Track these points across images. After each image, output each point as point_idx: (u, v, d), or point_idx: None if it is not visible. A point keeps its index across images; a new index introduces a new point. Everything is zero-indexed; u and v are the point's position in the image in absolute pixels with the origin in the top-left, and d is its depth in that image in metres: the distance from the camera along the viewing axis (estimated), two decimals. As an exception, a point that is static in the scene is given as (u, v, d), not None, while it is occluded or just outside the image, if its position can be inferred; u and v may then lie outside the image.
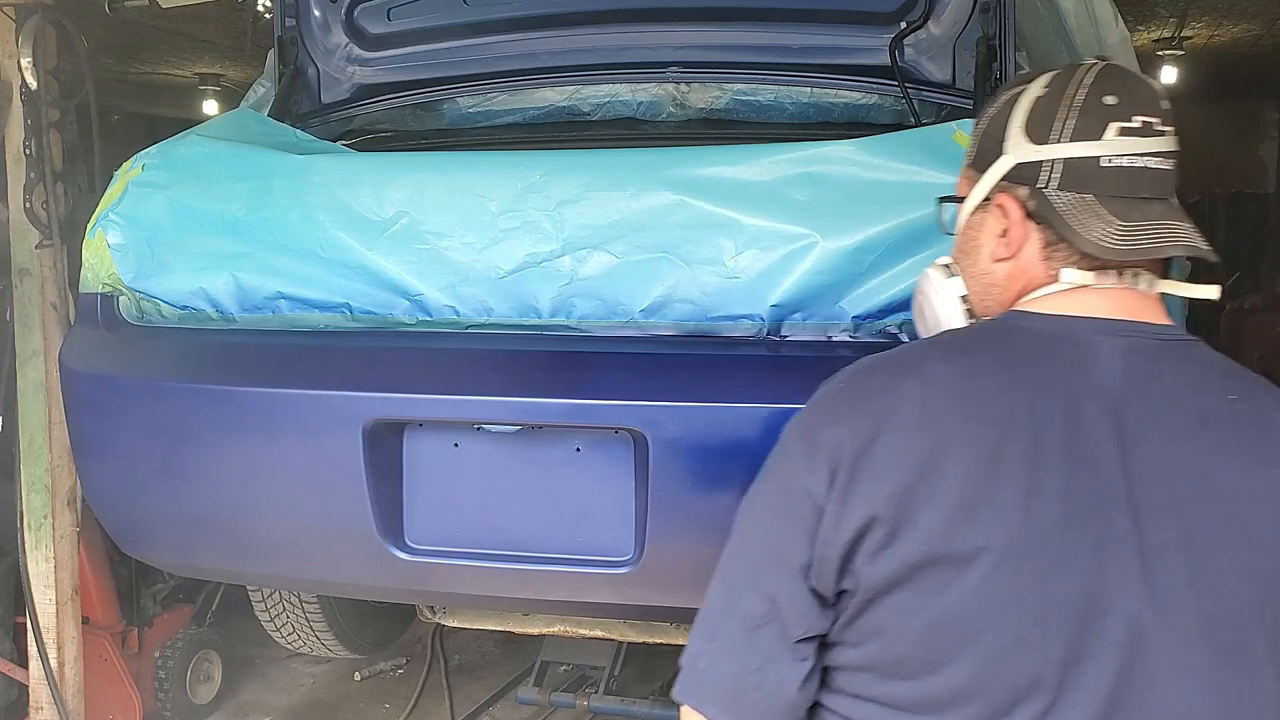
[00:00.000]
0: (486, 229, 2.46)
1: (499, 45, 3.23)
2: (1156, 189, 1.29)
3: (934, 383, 1.25)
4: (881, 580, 1.20)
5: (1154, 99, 1.31)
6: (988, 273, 1.37)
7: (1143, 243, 1.25)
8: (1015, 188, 1.33)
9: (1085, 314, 1.28)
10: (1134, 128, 1.28)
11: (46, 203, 3.59)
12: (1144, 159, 1.28)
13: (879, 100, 3.10)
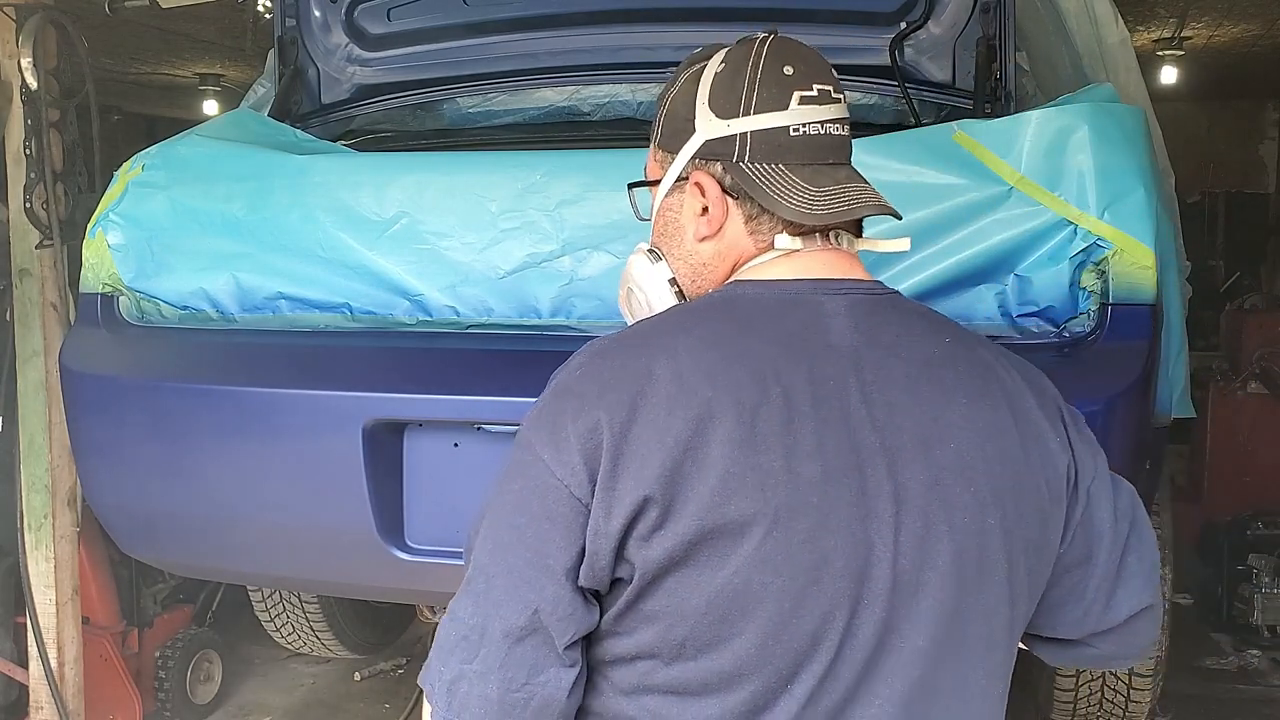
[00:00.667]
0: (486, 229, 2.46)
1: (499, 45, 3.23)
2: (840, 154, 1.33)
3: (682, 355, 1.23)
4: (658, 562, 1.17)
5: (826, 67, 1.34)
6: (695, 253, 1.37)
7: (840, 205, 1.28)
8: (709, 164, 1.33)
9: (804, 276, 1.30)
10: (814, 95, 1.30)
11: (46, 203, 3.59)
12: (826, 125, 1.30)
13: (879, 100, 3.10)
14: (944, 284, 2.27)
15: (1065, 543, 1.33)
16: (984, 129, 2.33)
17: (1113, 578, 1.36)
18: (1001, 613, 1.27)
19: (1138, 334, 2.25)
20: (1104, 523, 1.35)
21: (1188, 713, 4.11)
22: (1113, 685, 3.23)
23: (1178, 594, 3.93)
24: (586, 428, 1.20)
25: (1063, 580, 1.35)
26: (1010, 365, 1.33)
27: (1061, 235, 2.22)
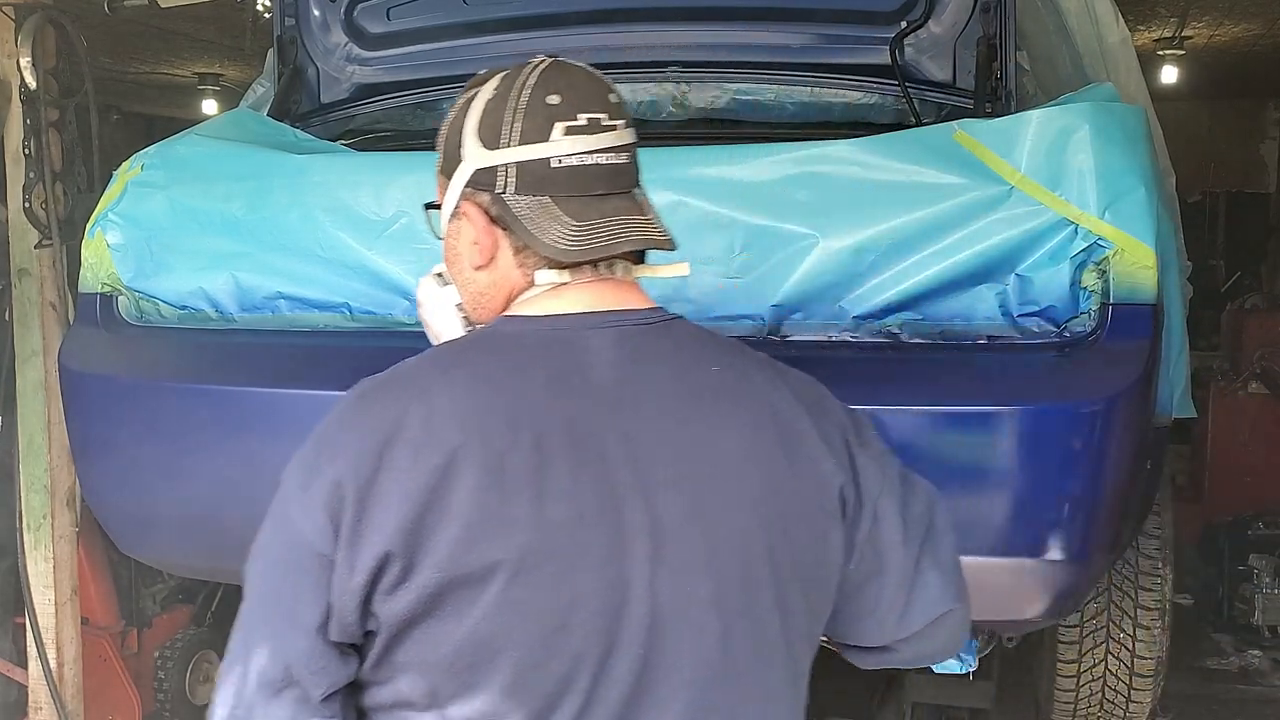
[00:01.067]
0: (486, 229, 2.45)
1: (499, 45, 3.23)
2: (614, 184, 1.29)
3: (436, 399, 1.22)
4: (402, 616, 1.17)
5: (601, 94, 1.31)
6: (473, 281, 1.35)
7: (599, 241, 1.26)
8: (478, 194, 1.31)
9: (571, 310, 1.28)
10: (580, 125, 1.27)
11: (46, 203, 3.59)
12: (595, 156, 1.28)
13: (879, 100, 3.09)
14: (944, 284, 2.27)
15: (853, 561, 1.33)
16: (984, 128, 2.33)
17: (907, 589, 1.36)
18: (773, 634, 1.27)
19: (1138, 334, 2.24)
20: (893, 539, 1.34)
21: (1188, 713, 4.11)
22: (1113, 685, 3.23)
23: (1178, 594, 3.92)
24: (331, 482, 1.19)
25: (855, 596, 1.36)
26: (788, 388, 1.32)
27: (1062, 235, 2.22)
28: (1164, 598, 3.11)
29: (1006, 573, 2.29)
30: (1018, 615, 2.42)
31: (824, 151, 2.35)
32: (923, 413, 2.24)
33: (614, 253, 1.28)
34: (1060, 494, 2.21)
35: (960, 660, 2.42)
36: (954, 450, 2.24)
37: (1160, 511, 3.05)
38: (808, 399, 1.32)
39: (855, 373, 2.32)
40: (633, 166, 1.33)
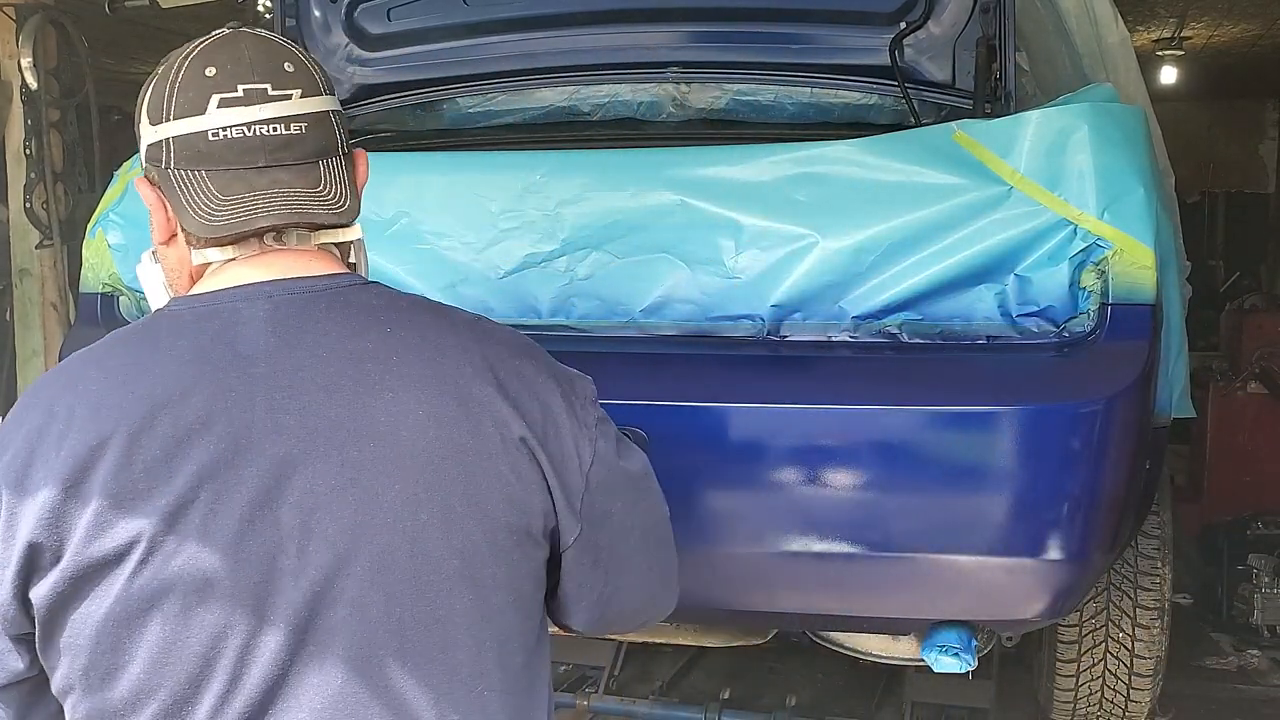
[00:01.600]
0: (486, 229, 2.46)
1: (499, 45, 3.23)
2: (279, 156, 1.25)
3: (83, 389, 1.22)
4: (50, 600, 1.19)
5: (271, 65, 1.27)
6: (165, 258, 1.34)
7: (236, 216, 1.23)
8: (150, 169, 1.29)
9: (234, 284, 1.26)
10: (237, 97, 1.24)
11: (46, 203, 3.59)
12: (255, 127, 1.24)
13: (879, 100, 3.10)
14: (944, 284, 2.27)
15: (562, 540, 1.30)
16: (984, 129, 2.33)
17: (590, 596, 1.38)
18: (461, 609, 1.22)
19: (1138, 334, 2.25)
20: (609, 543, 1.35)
21: (1188, 713, 4.11)
22: (1112, 685, 3.23)
23: (1178, 594, 3.93)
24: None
25: (569, 575, 1.34)
26: (481, 351, 1.28)
27: (1061, 235, 2.22)
28: (1163, 597, 3.11)
29: (1006, 572, 2.29)
30: (1017, 614, 2.42)
31: (824, 152, 2.36)
32: (922, 413, 2.24)
33: (249, 228, 1.25)
34: (1059, 494, 2.21)
35: (960, 660, 2.43)
36: (953, 450, 2.25)
37: (1160, 511, 3.05)
38: (502, 365, 1.28)
39: (855, 373, 2.32)
40: (314, 136, 1.28)
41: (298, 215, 1.25)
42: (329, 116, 1.31)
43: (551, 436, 1.27)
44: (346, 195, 1.29)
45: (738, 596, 2.49)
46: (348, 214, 1.29)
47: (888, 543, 2.29)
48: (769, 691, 3.92)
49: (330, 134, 1.30)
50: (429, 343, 1.26)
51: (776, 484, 2.30)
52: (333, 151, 1.30)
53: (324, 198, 1.27)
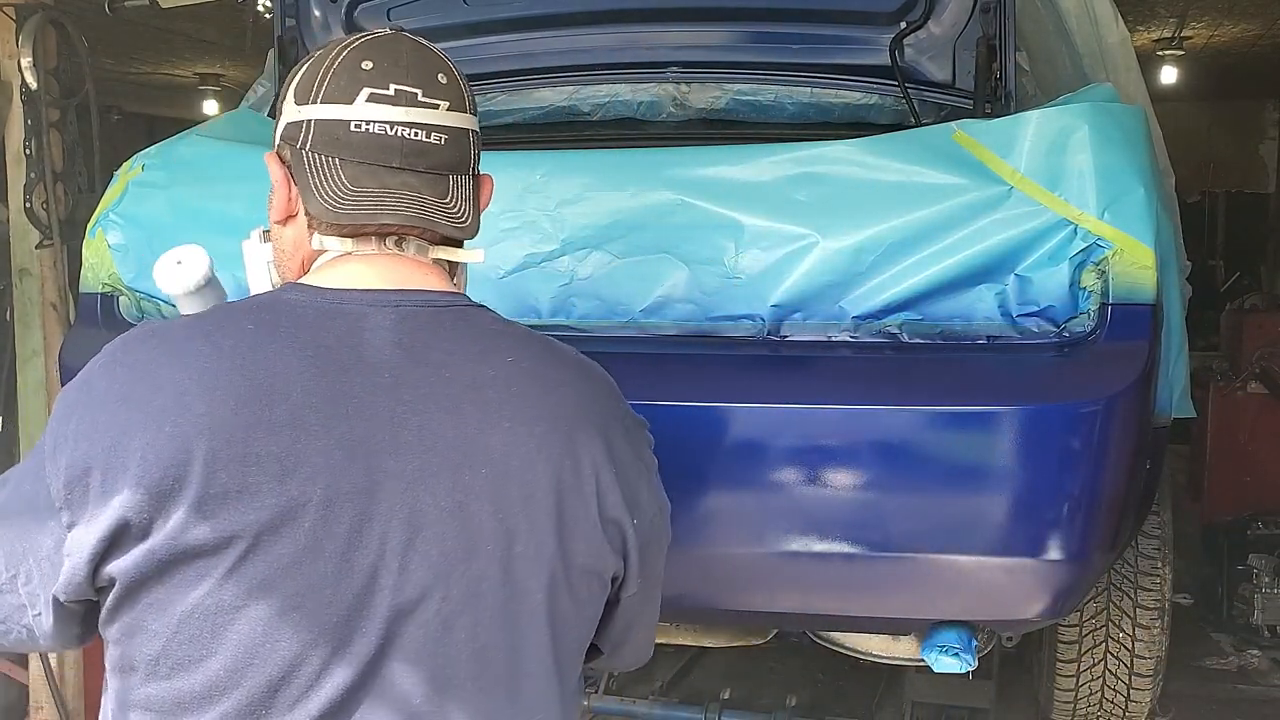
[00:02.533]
0: (486, 229, 2.44)
1: (499, 45, 3.23)
2: (414, 160, 1.26)
3: (193, 365, 1.18)
4: (132, 577, 1.16)
5: (427, 71, 1.28)
6: (280, 238, 1.34)
7: (361, 208, 1.24)
8: (283, 147, 1.30)
9: (355, 285, 1.26)
10: (388, 95, 1.25)
11: (46, 203, 3.59)
12: (399, 128, 1.25)
13: (879, 100, 3.10)
14: (944, 284, 2.27)
15: (626, 587, 1.34)
16: (984, 129, 2.33)
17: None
18: (533, 644, 1.24)
19: (1138, 334, 2.25)
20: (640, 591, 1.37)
21: (1188, 713, 4.11)
22: (1112, 685, 3.23)
23: (1178, 594, 3.93)
24: (80, 432, 1.18)
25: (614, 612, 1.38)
26: (581, 393, 1.30)
27: (1061, 235, 2.22)
28: (1163, 597, 3.11)
29: (1006, 572, 2.29)
30: (1017, 614, 2.42)
31: (823, 152, 2.36)
32: (923, 413, 2.24)
33: (372, 223, 1.26)
34: (1059, 494, 2.21)
35: (960, 660, 2.43)
36: (954, 450, 2.25)
37: (1160, 511, 3.05)
38: (599, 408, 1.30)
39: (855, 373, 2.32)
40: (451, 150, 1.28)
41: (422, 221, 1.26)
42: (468, 135, 1.31)
43: (639, 508, 1.30)
44: (470, 213, 1.30)
45: (738, 597, 2.49)
46: (468, 231, 1.30)
47: (888, 543, 2.29)
48: (769, 691, 3.93)
49: (465, 151, 1.31)
50: (544, 377, 1.28)
51: (777, 484, 2.30)
52: (464, 169, 1.31)
53: (449, 211, 1.27)
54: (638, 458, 1.33)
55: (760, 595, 2.47)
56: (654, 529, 1.34)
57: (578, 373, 1.32)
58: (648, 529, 1.32)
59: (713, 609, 2.59)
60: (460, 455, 1.20)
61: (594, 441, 1.26)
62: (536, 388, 1.26)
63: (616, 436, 1.30)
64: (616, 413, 1.33)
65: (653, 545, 1.35)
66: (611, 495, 1.26)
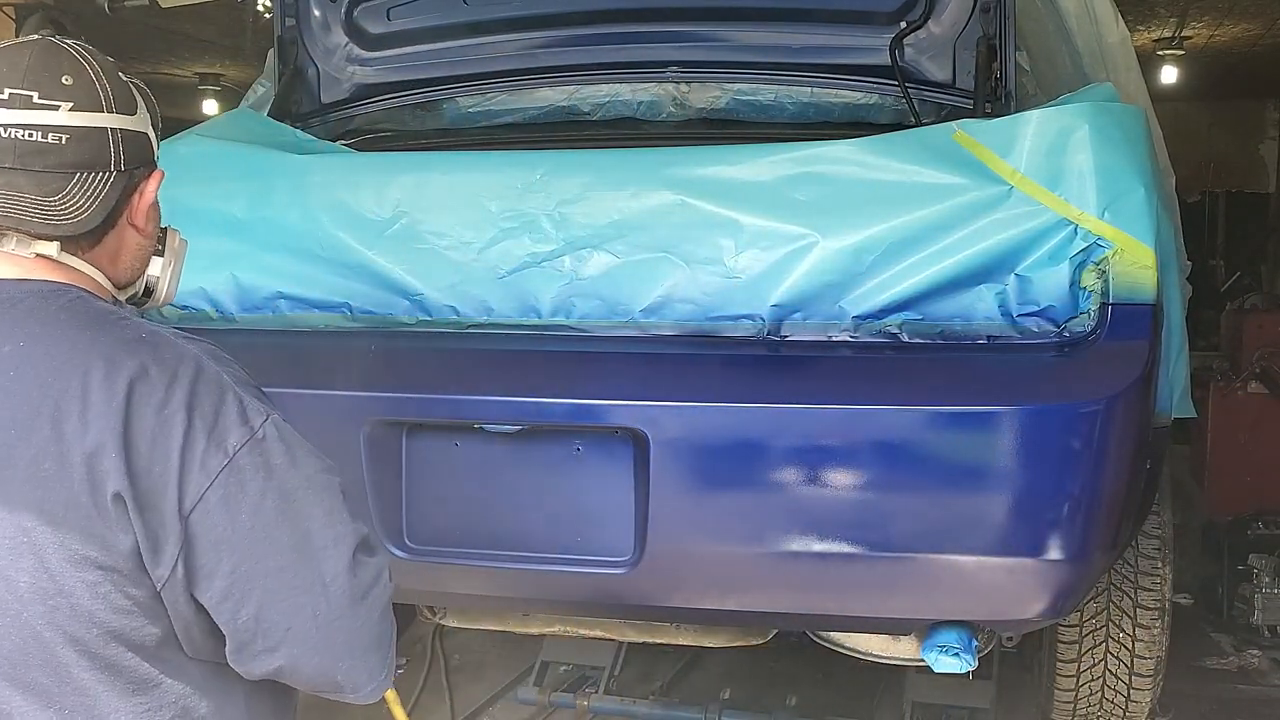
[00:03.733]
0: (486, 229, 2.46)
1: (499, 45, 3.23)
2: (27, 160, 1.30)
3: None
4: None
5: (49, 74, 1.33)
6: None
7: None
8: None
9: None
10: (2, 99, 1.31)
11: (46, 203, 3.59)
12: (11, 129, 1.30)
13: (879, 100, 3.10)
14: (944, 284, 2.27)
15: (168, 568, 1.28)
16: (984, 128, 2.33)
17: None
18: (52, 646, 1.25)
19: (1138, 334, 2.25)
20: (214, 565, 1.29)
21: (1188, 713, 4.11)
22: (1112, 685, 3.23)
23: (1178, 594, 3.93)
24: None
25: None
26: (105, 364, 1.28)
27: (1062, 235, 2.22)
28: (1163, 597, 3.11)
29: (1006, 572, 2.29)
30: (1017, 615, 2.42)
31: (824, 151, 2.36)
32: (923, 413, 2.24)
33: None
34: (1060, 494, 2.21)
35: (960, 660, 2.42)
36: (954, 450, 2.25)
37: (1160, 511, 3.05)
38: (141, 391, 1.27)
39: (855, 373, 2.32)
40: (75, 149, 1.32)
41: (2, 219, 1.30)
42: (104, 133, 1.35)
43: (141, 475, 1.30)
44: (90, 210, 1.33)
45: (738, 597, 2.49)
46: (74, 226, 1.33)
47: (888, 543, 2.29)
48: (769, 691, 3.92)
49: (99, 149, 1.34)
50: (43, 357, 1.28)
51: (777, 484, 2.30)
52: (98, 166, 1.35)
53: (52, 208, 1.31)
54: (206, 450, 1.30)
55: (760, 595, 2.47)
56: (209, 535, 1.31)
57: (127, 354, 1.30)
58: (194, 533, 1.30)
59: (713, 609, 2.59)
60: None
61: (98, 430, 1.26)
62: (33, 369, 1.27)
63: (154, 430, 1.29)
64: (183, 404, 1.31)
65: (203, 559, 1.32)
66: (102, 490, 1.26)
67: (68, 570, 1.24)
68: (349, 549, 1.39)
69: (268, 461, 1.32)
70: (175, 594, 1.28)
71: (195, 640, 1.32)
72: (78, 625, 1.25)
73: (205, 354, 1.37)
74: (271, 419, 1.37)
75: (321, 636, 1.35)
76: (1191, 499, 5.71)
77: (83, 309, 1.33)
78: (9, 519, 1.24)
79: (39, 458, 1.24)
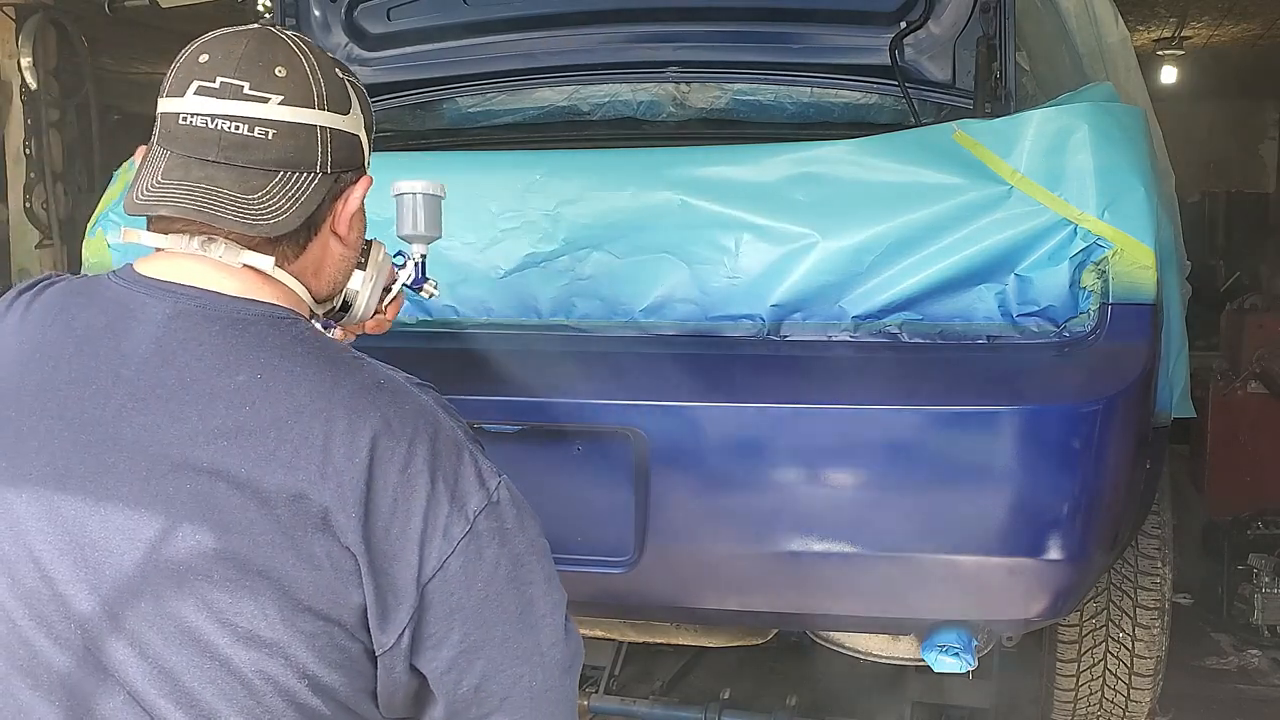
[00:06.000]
0: (486, 229, 2.46)
1: (499, 45, 3.23)
2: (230, 155, 1.23)
3: (3, 326, 1.28)
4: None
5: (263, 65, 1.25)
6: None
7: (146, 199, 1.23)
8: (148, 142, 1.32)
9: (155, 276, 1.26)
10: (212, 88, 1.24)
11: (46, 203, 3.59)
12: (217, 120, 1.23)
13: (879, 100, 3.10)
14: (944, 284, 2.27)
15: (393, 636, 1.20)
16: (984, 128, 2.33)
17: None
18: (230, 679, 1.17)
19: (1138, 334, 2.25)
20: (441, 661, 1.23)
21: (1188, 712, 4.11)
22: (1112, 685, 3.23)
23: (1178, 594, 3.93)
24: None
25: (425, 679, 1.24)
26: (347, 421, 1.19)
27: (1061, 235, 2.22)
28: (1163, 597, 3.11)
29: (1006, 572, 2.29)
30: (1017, 614, 2.42)
31: (824, 151, 2.36)
32: (923, 413, 2.24)
33: (149, 213, 1.25)
34: (1060, 494, 2.21)
35: (960, 660, 2.42)
36: (954, 450, 2.24)
37: (1160, 511, 3.05)
38: (364, 442, 1.19)
39: (855, 373, 2.32)
40: (281, 146, 1.25)
41: (197, 214, 1.22)
42: (313, 131, 1.27)
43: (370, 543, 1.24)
44: (289, 212, 1.25)
45: (739, 597, 2.49)
46: (270, 228, 1.24)
47: (888, 543, 2.29)
48: (769, 691, 3.92)
49: (307, 148, 1.27)
50: (280, 401, 1.20)
51: (776, 484, 2.30)
52: (304, 166, 1.27)
53: (251, 208, 1.23)
54: (444, 526, 1.23)
55: (760, 595, 2.47)
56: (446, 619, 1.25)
57: (343, 403, 1.20)
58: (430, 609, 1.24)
59: (713, 609, 2.59)
60: (167, 463, 1.17)
61: (317, 477, 1.18)
62: (276, 410, 1.18)
63: (385, 483, 1.21)
64: (400, 457, 1.23)
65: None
66: (325, 562, 1.20)
67: (289, 618, 1.16)
68: (563, 615, 1.34)
69: (502, 526, 1.24)
70: (395, 660, 1.20)
71: (396, 704, 1.25)
72: (289, 675, 1.17)
73: (440, 406, 1.30)
74: (503, 480, 1.27)
75: (533, 706, 1.29)
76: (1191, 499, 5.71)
77: (317, 344, 1.25)
78: (230, 561, 1.15)
79: (270, 502, 1.15)
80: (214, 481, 1.16)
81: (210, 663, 1.16)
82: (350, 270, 1.41)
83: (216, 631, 1.15)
